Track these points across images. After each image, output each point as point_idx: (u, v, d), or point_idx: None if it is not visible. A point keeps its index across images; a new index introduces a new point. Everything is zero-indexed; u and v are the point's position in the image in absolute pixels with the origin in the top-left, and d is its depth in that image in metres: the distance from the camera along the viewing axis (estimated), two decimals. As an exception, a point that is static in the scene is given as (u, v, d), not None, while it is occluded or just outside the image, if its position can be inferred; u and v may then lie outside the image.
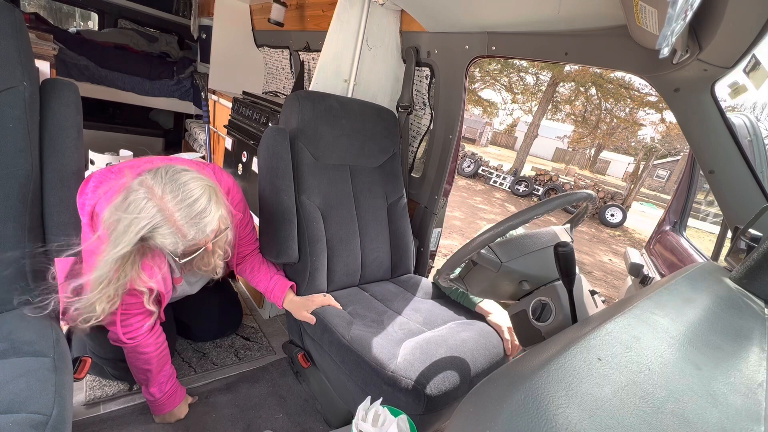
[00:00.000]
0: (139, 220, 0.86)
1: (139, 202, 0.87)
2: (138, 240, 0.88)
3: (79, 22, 6.95)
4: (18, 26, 0.94)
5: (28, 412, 0.70)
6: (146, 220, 0.86)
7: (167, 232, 0.88)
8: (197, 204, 0.91)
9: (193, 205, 0.90)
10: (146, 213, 0.86)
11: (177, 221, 0.88)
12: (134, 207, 0.86)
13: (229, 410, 1.34)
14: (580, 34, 1.16)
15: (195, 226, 0.91)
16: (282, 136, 1.38)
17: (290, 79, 2.75)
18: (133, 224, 0.86)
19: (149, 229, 0.87)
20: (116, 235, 0.88)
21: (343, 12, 1.61)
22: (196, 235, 0.91)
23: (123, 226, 0.87)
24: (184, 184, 0.91)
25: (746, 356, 0.47)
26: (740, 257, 0.82)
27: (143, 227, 0.86)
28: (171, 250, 0.92)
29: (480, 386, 0.39)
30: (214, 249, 1.04)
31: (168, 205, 0.88)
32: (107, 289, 0.93)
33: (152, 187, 0.88)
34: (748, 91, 0.90)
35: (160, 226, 0.88)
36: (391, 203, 1.67)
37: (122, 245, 0.87)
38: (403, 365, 1.06)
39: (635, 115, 12.29)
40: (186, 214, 0.89)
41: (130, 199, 0.87)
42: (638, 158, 15.79)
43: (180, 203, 0.89)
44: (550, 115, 13.41)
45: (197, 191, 0.91)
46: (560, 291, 0.81)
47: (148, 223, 0.86)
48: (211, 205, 0.93)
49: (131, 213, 0.86)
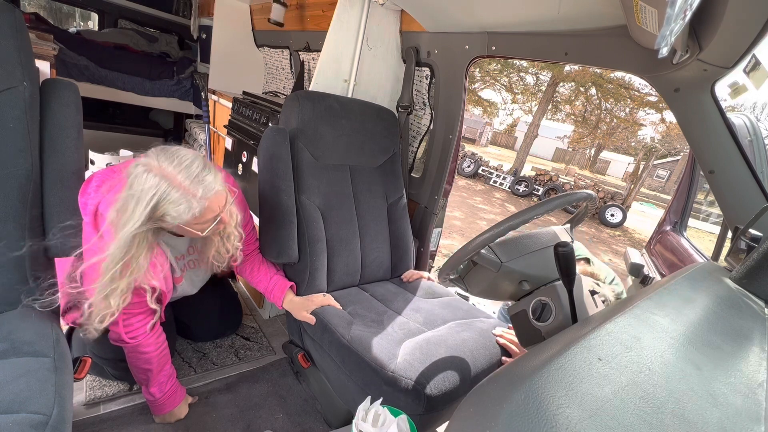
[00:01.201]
0: (146, 193, 0.88)
1: (140, 177, 0.88)
2: (149, 214, 0.89)
3: (79, 22, 6.95)
4: (18, 26, 0.94)
5: (28, 412, 0.70)
6: (152, 190, 0.88)
7: (177, 197, 0.90)
8: (194, 165, 0.94)
9: (191, 167, 0.93)
10: (150, 183, 0.88)
11: (182, 183, 0.90)
12: (137, 184, 0.88)
13: (229, 410, 1.34)
14: (580, 34, 1.16)
15: (200, 183, 0.93)
16: (282, 137, 1.38)
17: (290, 79, 2.75)
18: (141, 198, 0.88)
19: (158, 200, 0.89)
20: (126, 216, 0.89)
21: (343, 12, 1.61)
22: (204, 191, 0.93)
23: (131, 206, 0.88)
24: (176, 151, 0.94)
25: (746, 356, 0.47)
26: (740, 257, 0.82)
27: (152, 198, 0.88)
28: (187, 218, 0.93)
29: (480, 386, 0.39)
30: (227, 230, 1.08)
31: (168, 171, 0.90)
32: (120, 282, 0.94)
33: (148, 162, 0.91)
34: (748, 91, 0.90)
35: (168, 193, 0.89)
36: (391, 203, 1.67)
37: (133, 221, 0.88)
38: (403, 365, 1.06)
39: (635, 115, 12.29)
40: (187, 174, 0.92)
41: (131, 180, 0.89)
42: (638, 158, 15.79)
43: (178, 166, 0.91)
44: (550, 115, 13.42)
45: (190, 156, 0.95)
46: (560, 291, 0.81)
47: (154, 192, 0.88)
48: (208, 169, 0.96)
49: (136, 190, 0.88)
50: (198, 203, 0.93)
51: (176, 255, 1.23)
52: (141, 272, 0.97)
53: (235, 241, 1.17)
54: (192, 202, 0.92)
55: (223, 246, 1.16)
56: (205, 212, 0.96)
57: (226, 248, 1.17)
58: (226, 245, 1.17)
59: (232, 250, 1.18)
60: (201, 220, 0.98)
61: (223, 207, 1.01)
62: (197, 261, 1.28)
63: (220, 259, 1.20)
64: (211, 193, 0.95)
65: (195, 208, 0.92)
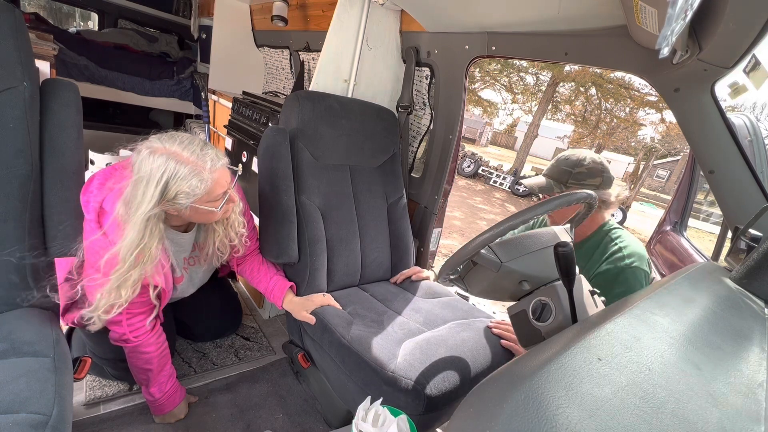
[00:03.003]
0: (155, 172, 0.89)
1: (146, 160, 0.90)
2: (161, 192, 0.90)
3: (79, 22, 6.94)
4: (18, 26, 0.94)
5: (28, 412, 0.70)
6: (161, 168, 0.89)
7: (186, 172, 0.91)
8: (195, 143, 0.96)
9: (192, 144, 0.95)
10: (158, 163, 0.90)
11: (188, 158, 0.92)
12: (145, 166, 0.89)
13: (229, 410, 1.34)
14: (580, 34, 1.16)
15: (206, 156, 0.95)
16: (282, 137, 1.38)
17: (290, 79, 2.75)
18: (151, 179, 0.89)
19: (168, 177, 0.90)
20: (137, 200, 0.90)
21: (343, 12, 1.61)
22: (212, 164, 0.95)
23: (142, 188, 0.90)
24: (175, 134, 0.97)
25: (746, 356, 0.47)
26: (740, 257, 0.82)
27: (161, 176, 0.89)
28: (200, 193, 0.94)
29: (480, 386, 0.39)
30: (231, 217, 1.12)
31: (173, 149, 0.92)
32: (134, 272, 0.95)
33: (151, 145, 0.92)
34: (748, 91, 0.90)
35: (177, 170, 0.90)
36: (391, 203, 1.67)
37: (146, 203, 0.90)
38: (403, 365, 1.06)
39: (635, 115, 12.28)
40: (192, 150, 0.94)
41: (138, 165, 0.90)
42: (638, 158, 15.79)
43: (181, 144, 0.93)
44: (550, 115, 13.40)
45: (188, 136, 0.97)
46: (560, 291, 0.81)
47: (164, 171, 0.89)
48: (209, 146, 0.99)
49: (144, 172, 0.89)
50: (209, 175, 0.95)
51: (183, 255, 1.23)
52: (153, 263, 0.99)
53: (239, 227, 1.18)
54: (203, 174, 0.94)
55: (226, 234, 1.18)
56: (215, 187, 0.98)
57: (230, 236, 1.19)
58: (230, 233, 1.18)
59: (236, 239, 1.19)
60: (212, 196, 1.00)
61: (231, 183, 1.03)
62: (197, 258, 1.28)
63: (223, 248, 1.21)
64: (218, 165, 0.97)
65: (207, 180, 0.94)
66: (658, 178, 24.04)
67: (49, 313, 0.99)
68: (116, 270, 0.94)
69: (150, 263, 0.97)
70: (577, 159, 1.24)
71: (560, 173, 1.25)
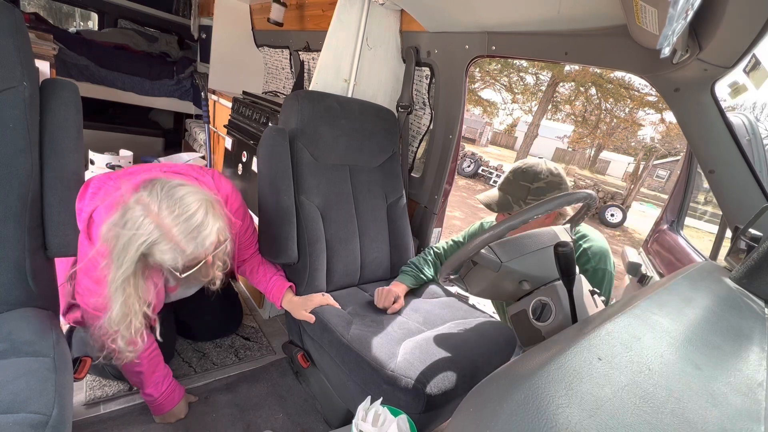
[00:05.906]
0: (138, 237, 0.87)
1: (136, 220, 0.87)
2: (139, 257, 0.89)
3: (79, 22, 6.94)
4: (18, 26, 0.93)
5: (28, 412, 0.70)
6: (144, 236, 0.87)
7: (166, 248, 0.89)
8: (194, 218, 0.90)
9: (190, 220, 0.90)
10: (144, 230, 0.87)
11: (175, 236, 0.88)
12: (131, 224, 0.87)
13: (229, 410, 1.34)
14: (580, 34, 1.16)
15: (193, 240, 0.91)
16: (281, 136, 1.38)
17: (290, 79, 2.75)
18: (132, 241, 0.87)
19: (148, 246, 0.88)
20: (117, 252, 0.89)
21: (343, 12, 1.61)
22: (195, 249, 0.91)
23: (122, 244, 0.87)
24: (181, 199, 0.90)
25: (746, 356, 0.47)
26: (740, 257, 0.82)
27: (142, 243, 0.87)
28: (171, 266, 0.92)
29: (480, 386, 0.39)
30: (214, 261, 1.04)
31: (165, 222, 0.88)
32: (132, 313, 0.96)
33: (148, 204, 0.88)
34: (748, 90, 0.90)
35: (159, 242, 0.88)
36: (391, 203, 1.67)
37: (125, 265, 0.89)
38: (403, 365, 1.06)
39: (635, 115, 12.29)
40: (184, 228, 0.89)
41: (127, 217, 0.87)
42: (638, 158, 15.78)
43: (177, 218, 0.88)
44: (550, 115, 13.42)
45: (194, 205, 0.91)
46: (560, 291, 0.81)
47: (146, 239, 0.87)
48: (209, 218, 0.93)
49: (129, 230, 0.87)
50: (184, 258, 0.91)
51: None
52: (147, 296, 0.99)
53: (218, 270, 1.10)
54: (179, 258, 0.90)
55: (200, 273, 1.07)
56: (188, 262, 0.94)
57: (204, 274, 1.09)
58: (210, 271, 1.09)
59: (212, 275, 1.10)
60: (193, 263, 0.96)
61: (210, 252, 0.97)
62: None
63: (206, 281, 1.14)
64: (200, 250, 0.92)
65: (179, 262, 0.91)
66: (658, 178, 24.04)
67: (49, 313, 0.99)
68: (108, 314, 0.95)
69: (145, 297, 0.98)
70: (534, 173, 1.21)
71: (518, 189, 1.23)
